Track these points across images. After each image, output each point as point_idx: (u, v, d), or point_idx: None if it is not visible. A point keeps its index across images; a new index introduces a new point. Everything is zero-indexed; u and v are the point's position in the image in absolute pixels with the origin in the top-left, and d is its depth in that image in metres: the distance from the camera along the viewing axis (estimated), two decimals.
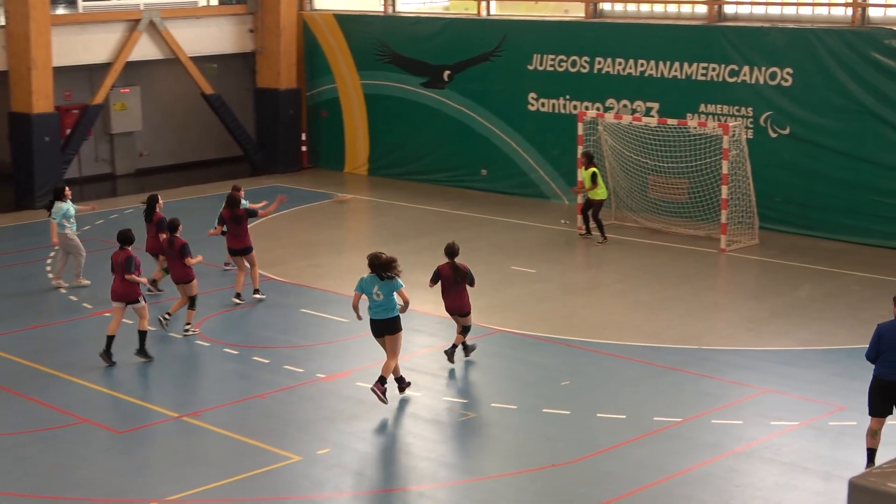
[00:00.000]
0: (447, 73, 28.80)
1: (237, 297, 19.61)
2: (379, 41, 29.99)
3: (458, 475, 13.39)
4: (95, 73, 29.39)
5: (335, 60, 31.01)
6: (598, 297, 20.14)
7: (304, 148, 31.96)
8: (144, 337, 16.97)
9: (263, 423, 14.80)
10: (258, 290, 19.87)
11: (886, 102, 22.40)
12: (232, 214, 19.56)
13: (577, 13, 27.20)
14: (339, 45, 30.83)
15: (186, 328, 18.07)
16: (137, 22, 29.19)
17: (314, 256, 22.82)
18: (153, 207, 19.85)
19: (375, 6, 30.74)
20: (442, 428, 14.71)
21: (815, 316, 18.64)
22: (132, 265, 16.69)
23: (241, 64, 32.34)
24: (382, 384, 14.98)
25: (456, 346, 16.64)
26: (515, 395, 15.71)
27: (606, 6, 26.69)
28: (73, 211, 20.53)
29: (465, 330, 16.65)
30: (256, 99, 32.11)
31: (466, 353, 16.86)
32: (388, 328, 15.12)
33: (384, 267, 14.93)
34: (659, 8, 25.98)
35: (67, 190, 20.76)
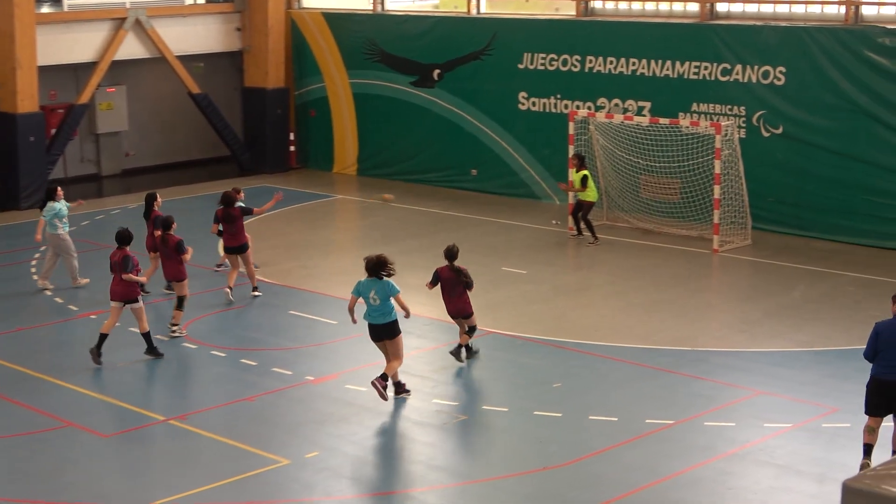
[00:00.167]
0: (437, 72, 28.74)
1: (230, 289, 19.74)
2: (368, 40, 29.92)
3: (448, 478, 13.34)
4: (81, 72, 29.30)
5: (324, 59, 30.92)
6: (589, 298, 20.10)
7: (292, 148, 31.93)
8: (148, 336, 17.03)
9: (252, 426, 14.73)
10: (256, 287, 19.98)
11: (880, 101, 22.39)
12: (226, 213, 19.65)
13: (567, 11, 27.14)
14: (327, 43, 30.74)
15: (174, 329, 17.98)
16: (123, 20, 29.11)
17: (303, 257, 22.76)
18: (151, 205, 19.91)
19: (364, 4, 30.69)
20: (432, 431, 14.63)
21: (808, 317, 18.62)
22: (129, 265, 16.68)
23: (228, 63, 32.28)
24: (384, 380, 15.02)
25: (462, 346, 16.68)
26: (506, 397, 15.69)
27: (598, 4, 26.64)
28: (65, 211, 20.46)
29: (470, 330, 16.71)
30: (244, 98, 32.07)
31: (469, 355, 16.83)
32: (386, 333, 15.16)
33: (378, 265, 14.97)
34: (651, 6, 25.98)
35: (60, 190, 20.67)
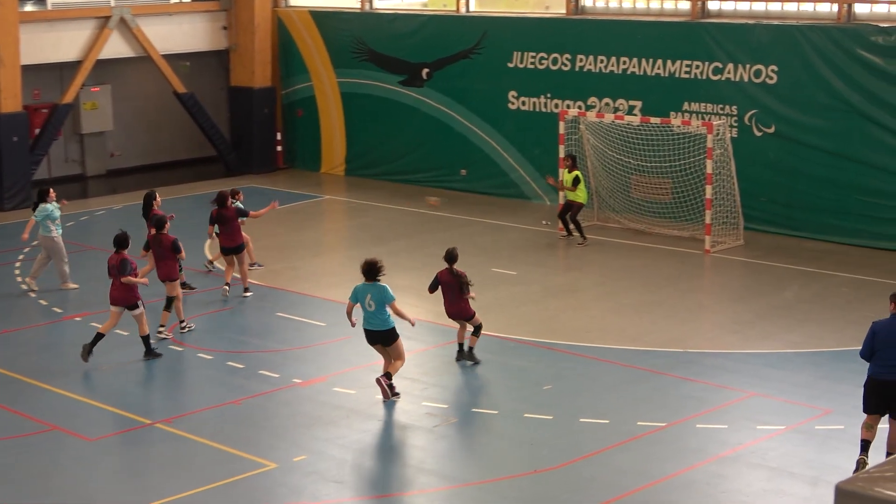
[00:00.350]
0: (426, 71, 28.65)
1: (227, 286, 19.98)
2: (356, 38, 29.81)
3: (438, 482, 13.27)
4: (65, 71, 29.20)
5: (311, 58, 30.80)
6: (580, 299, 20.06)
7: (279, 148, 31.85)
8: (147, 340, 17.01)
9: (239, 429, 14.68)
10: (248, 288, 20.08)
11: (873, 100, 22.36)
12: (220, 213, 19.73)
13: (558, 9, 27.05)
14: (314, 42, 30.62)
15: (160, 330, 17.88)
16: (108, 19, 29.02)
17: (291, 259, 22.71)
18: (150, 204, 19.83)
19: (352, 2, 30.60)
20: (422, 434, 14.57)
21: (800, 318, 18.62)
22: (127, 268, 16.69)
23: (214, 62, 32.19)
24: (389, 378, 15.23)
25: (472, 347, 16.71)
26: (497, 399, 15.69)
27: (588, 2, 26.58)
28: (57, 213, 20.39)
29: (476, 331, 16.70)
30: (230, 98, 32.01)
31: (468, 357, 16.76)
32: (382, 339, 15.26)
33: (370, 270, 15.05)
34: (641, 4, 25.91)
35: (52, 192, 20.58)
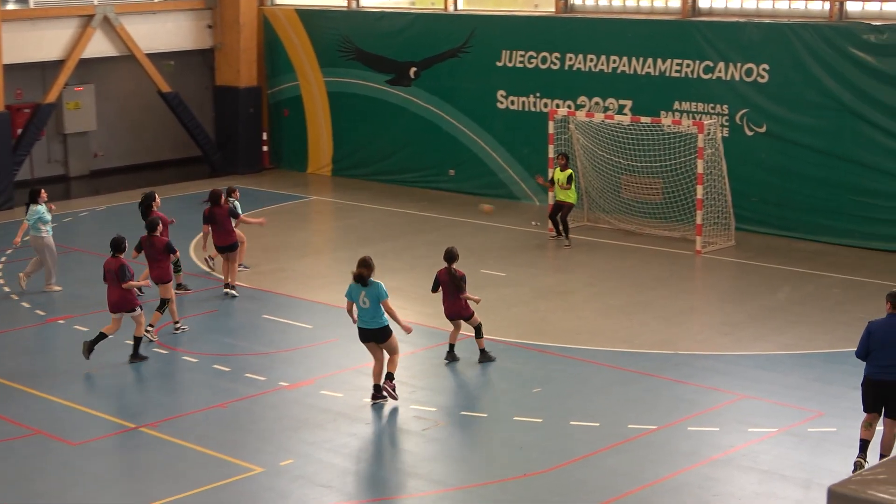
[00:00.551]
0: (413, 70, 28.57)
1: (226, 286, 20.12)
2: (343, 37, 29.72)
3: (427, 486, 13.23)
4: (48, 70, 29.10)
5: (297, 57, 30.70)
6: (570, 301, 20.02)
7: (265, 148, 31.78)
8: (139, 342, 17.01)
9: (225, 433, 14.65)
10: (233, 286, 20.08)
11: (865, 99, 22.36)
12: (212, 212, 19.78)
13: (547, 8, 27.01)
14: (301, 41, 30.53)
15: (148, 329, 17.76)
16: (91, 17, 28.92)
17: (277, 260, 22.65)
18: (150, 206, 19.64)
19: (339, 1, 30.52)
20: (411, 437, 14.53)
21: (792, 319, 18.61)
22: (126, 274, 16.69)
23: (199, 61, 32.10)
24: (391, 380, 15.20)
25: (483, 349, 16.74)
26: (486, 402, 15.72)
27: (577, 1, 26.43)
28: (48, 216, 20.31)
29: (477, 332, 16.74)
30: (215, 97, 31.93)
31: (483, 358, 16.79)
32: (374, 337, 15.19)
33: (361, 277, 14.96)
34: (631, 2, 25.87)
35: (43, 193, 20.50)
